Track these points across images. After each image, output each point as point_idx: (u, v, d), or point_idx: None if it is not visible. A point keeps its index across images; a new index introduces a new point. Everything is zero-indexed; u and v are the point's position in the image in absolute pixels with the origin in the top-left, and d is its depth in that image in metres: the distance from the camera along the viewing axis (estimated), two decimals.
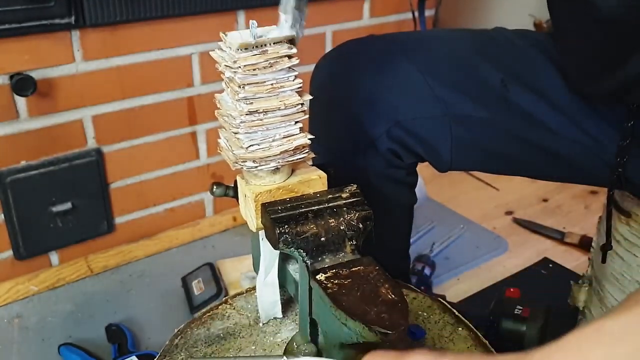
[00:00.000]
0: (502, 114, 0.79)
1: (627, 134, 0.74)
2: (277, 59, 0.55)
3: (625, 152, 0.75)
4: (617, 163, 0.76)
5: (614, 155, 0.76)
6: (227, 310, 0.73)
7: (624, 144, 0.75)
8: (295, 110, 0.58)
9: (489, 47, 0.84)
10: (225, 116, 0.59)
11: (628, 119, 0.74)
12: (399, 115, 0.79)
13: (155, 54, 1.28)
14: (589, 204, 1.65)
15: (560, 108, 0.78)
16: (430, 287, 1.30)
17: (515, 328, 1.00)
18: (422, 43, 0.85)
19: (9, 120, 1.17)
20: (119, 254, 1.38)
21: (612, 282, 0.97)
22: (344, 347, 0.51)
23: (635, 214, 0.90)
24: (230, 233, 1.52)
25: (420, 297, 0.74)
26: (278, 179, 0.60)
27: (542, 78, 0.79)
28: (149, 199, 1.41)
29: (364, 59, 0.82)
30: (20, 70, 1.14)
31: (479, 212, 1.61)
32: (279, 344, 0.67)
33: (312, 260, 0.55)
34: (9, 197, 1.21)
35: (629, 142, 0.74)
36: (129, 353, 1.09)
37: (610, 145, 0.76)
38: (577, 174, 0.84)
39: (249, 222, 0.62)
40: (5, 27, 1.09)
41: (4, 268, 1.27)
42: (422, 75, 0.79)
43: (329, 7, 1.52)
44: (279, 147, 0.58)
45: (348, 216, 0.57)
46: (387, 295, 0.50)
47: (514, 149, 0.81)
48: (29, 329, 1.20)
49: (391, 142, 0.80)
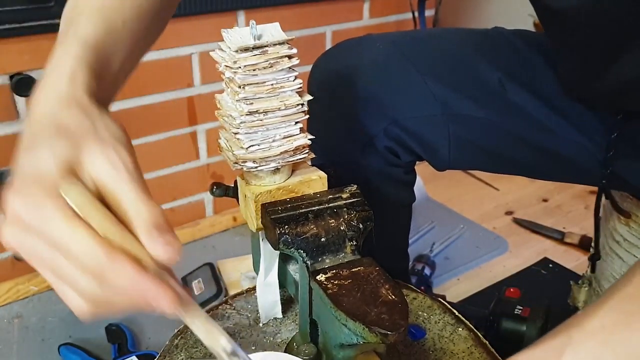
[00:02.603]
0: (499, 113, 0.79)
1: (611, 146, 0.75)
2: (277, 59, 0.55)
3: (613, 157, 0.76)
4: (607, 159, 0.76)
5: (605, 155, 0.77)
6: (227, 311, 0.73)
7: (609, 154, 0.75)
8: (296, 110, 0.58)
9: (488, 47, 0.84)
10: (226, 116, 0.59)
11: (613, 130, 0.74)
12: (397, 114, 0.79)
13: (155, 54, 1.28)
14: (589, 204, 1.65)
15: (558, 108, 0.78)
16: (430, 287, 1.30)
17: (515, 328, 1.00)
18: (420, 42, 0.85)
19: (9, 120, 1.17)
20: None
21: (611, 282, 0.97)
22: (344, 347, 0.51)
23: (635, 214, 0.90)
24: (230, 233, 1.52)
25: (420, 297, 0.74)
26: (278, 180, 0.60)
27: (540, 78, 0.79)
28: None
29: (362, 57, 0.82)
30: (20, 70, 1.13)
31: (479, 212, 1.61)
32: (279, 344, 0.67)
33: (312, 261, 0.55)
34: None
35: (612, 153, 0.75)
36: (129, 353, 1.09)
37: (605, 145, 0.77)
38: (575, 173, 0.84)
39: (249, 223, 0.62)
40: (5, 27, 1.09)
41: (4, 268, 1.27)
42: (420, 74, 0.79)
43: (329, 7, 1.52)
44: (279, 148, 0.58)
45: (348, 216, 0.57)
46: (388, 296, 0.50)
47: (512, 148, 0.81)
48: (29, 329, 1.20)
49: (389, 140, 0.80)
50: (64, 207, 0.38)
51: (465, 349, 0.66)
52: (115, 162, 0.41)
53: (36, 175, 0.40)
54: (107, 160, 0.40)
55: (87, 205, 0.39)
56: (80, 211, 0.39)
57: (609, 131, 0.75)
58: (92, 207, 0.39)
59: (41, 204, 0.38)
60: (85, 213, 0.39)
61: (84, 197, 0.39)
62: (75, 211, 0.38)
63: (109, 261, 0.37)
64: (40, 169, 0.40)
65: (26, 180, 0.40)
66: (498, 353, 0.66)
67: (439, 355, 0.66)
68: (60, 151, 0.40)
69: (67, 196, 0.39)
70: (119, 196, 0.40)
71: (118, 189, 0.40)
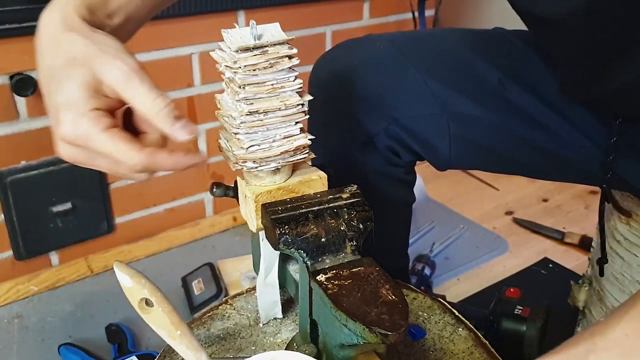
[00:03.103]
0: (499, 113, 0.79)
1: (611, 150, 0.75)
2: (278, 59, 0.55)
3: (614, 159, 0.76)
4: (608, 163, 0.76)
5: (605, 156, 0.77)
6: (227, 311, 0.73)
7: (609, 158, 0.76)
8: (296, 110, 0.57)
9: (487, 47, 0.84)
10: (226, 116, 0.59)
11: (613, 130, 0.74)
12: (397, 113, 0.79)
13: (155, 54, 1.28)
14: (589, 204, 1.65)
15: (558, 108, 0.78)
16: (430, 287, 1.30)
17: (515, 328, 1.00)
18: (420, 42, 0.85)
19: (9, 120, 1.17)
20: (119, 254, 1.38)
21: (612, 282, 0.97)
22: (344, 347, 0.51)
23: (635, 213, 0.90)
24: (230, 233, 1.52)
25: (420, 297, 0.74)
26: (278, 180, 0.60)
27: (540, 78, 0.79)
28: (149, 199, 1.41)
29: (362, 58, 0.82)
30: (20, 70, 1.13)
31: (479, 212, 1.62)
32: (279, 345, 0.67)
33: (313, 261, 0.55)
34: (9, 197, 1.21)
35: (613, 156, 0.75)
36: (129, 353, 1.09)
37: (605, 145, 0.77)
38: (575, 173, 0.84)
39: (249, 223, 0.62)
40: (5, 27, 1.09)
41: (4, 268, 1.27)
42: (420, 74, 0.79)
43: (329, 7, 1.52)
44: (279, 148, 0.58)
45: (348, 216, 0.57)
46: (388, 296, 0.50)
47: (511, 147, 0.81)
48: (29, 329, 1.20)
49: (389, 139, 0.80)
50: (96, 122, 0.48)
51: (465, 349, 0.66)
52: (122, 68, 0.48)
53: (68, 103, 0.48)
54: (117, 69, 0.48)
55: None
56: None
57: (610, 132, 0.75)
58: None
59: (79, 123, 0.48)
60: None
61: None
62: (107, 122, 0.48)
63: (144, 157, 0.49)
64: (70, 97, 0.48)
65: (62, 109, 0.48)
66: (498, 353, 0.66)
67: (439, 356, 0.66)
68: (79, 78, 0.48)
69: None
70: (134, 97, 0.48)
71: (132, 91, 0.48)
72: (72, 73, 0.49)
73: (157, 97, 0.48)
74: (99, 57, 0.49)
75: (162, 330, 0.53)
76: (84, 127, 0.48)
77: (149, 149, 0.50)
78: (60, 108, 0.49)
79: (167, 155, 0.50)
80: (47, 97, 0.51)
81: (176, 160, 0.50)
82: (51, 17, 0.52)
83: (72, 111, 0.48)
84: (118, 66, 0.48)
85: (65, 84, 0.49)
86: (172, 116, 0.49)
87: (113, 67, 0.48)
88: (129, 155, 0.48)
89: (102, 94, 0.49)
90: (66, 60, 0.49)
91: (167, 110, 0.48)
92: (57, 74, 0.50)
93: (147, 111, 0.48)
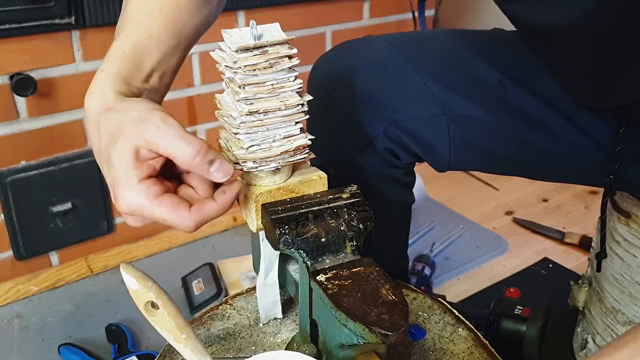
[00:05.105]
0: (499, 114, 0.79)
1: (615, 158, 0.75)
2: (278, 59, 0.55)
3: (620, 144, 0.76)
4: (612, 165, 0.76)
5: (610, 157, 0.76)
6: (227, 311, 0.73)
7: (616, 149, 0.75)
8: (296, 110, 0.57)
9: (487, 47, 0.84)
10: (226, 116, 0.59)
11: (614, 131, 0.74)
12: (397, 115, 0.79)
13: None
14: (589, 204, 1.65)
15: (558, 109, 0.78)
16: (430, 287, 1.30)
17: (515, 328, 1.00)
18: (419, 43, 0.85)
19: (9, 120, 1.17)
20: (119, 254, 1.38)
21: (611, 283, 0.97)
22: (344, 347, 0.51)
23: (634, 214, 0.91)
24: (230, 233, 1.52)
25: (420, 297, 0.74)
26: (278, 180, 0.60)
27: (540, 79, 0.79)
28: None
29: (361, 58, 0.82)
30: (20, 70, 1.14)
31: (479, 212, 1.62)
32: (279, 345, 0.67)
33: (313, 261, 0.55)
34: (9, 197, 1.21)
35: (620, 149, 0.75)
36: (129, 353, 1.09)
37: (608, 146, 0.76)
38: (575, 174, 0.84)
39: (249, 223, 0.62)
40: (5, 27, 1.09)
41: (4, 268, 1.27)
42: (420, 75, 0.79)
43: (329, 7, 1.52)
44: (279, 148, 0.58)
45: (348, 217, 0.57)
46: (388, 296, 0.50)
47: (512, 148, 0.81)
48: (29, 329, 1.20)
49: (389, 141, 0.80)
50: (146, 193, 0.51)
51: (465, 349, 0.66)
52: (149, 129, 0.51)
53: (118, 181, 0.51)
54: (146, 132, 0.50)
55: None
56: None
57: (611, 133, 0.75)
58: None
59: (132, 198, 0.51)
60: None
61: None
62: (155, 191, 0.51)
63: (194, 218, 0.53)
64: (118, 175, 0.51)
65: (116, 188, 0.52)
66: (498, 353, 0.66)
67: (439, 356, 0.66)
68: (119, 154, 0.51)
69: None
70: (167, 150, 0.51)
71: (164, 148, 0.50)
72: (113, 151, 0.52)
73: (187, 146, 0.50)
74: (129, 127, 0.51)
75: (167, 333, 0.53)
76: (136, 200, 0.51)
77: (196, 209, 0.53)
78: (114, 187, 0.52)
79: (213, 204, 0.54)
80: (105, 177, 0.55)
81: (222, 205, 0.54)
82: (92, 100, 0.56)
83: (123, 188, 0.51)
84: (147, 128, 0.51)
85: (111, 163, 0.52)
86: (206, 161, 0.51)
87: (143, 130, 0.51)
88: (179, 220, 0.52)
89: (144, 159, 0.51)
90: (106, 140, 0.53)
91: (199, 158, 0.50)
92: (103, 155, 0.53)
93: (181, 162, 0.51)
